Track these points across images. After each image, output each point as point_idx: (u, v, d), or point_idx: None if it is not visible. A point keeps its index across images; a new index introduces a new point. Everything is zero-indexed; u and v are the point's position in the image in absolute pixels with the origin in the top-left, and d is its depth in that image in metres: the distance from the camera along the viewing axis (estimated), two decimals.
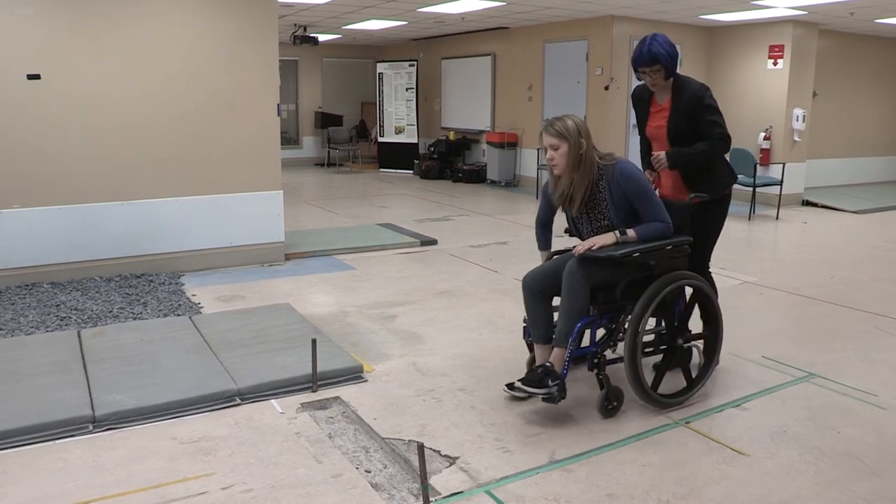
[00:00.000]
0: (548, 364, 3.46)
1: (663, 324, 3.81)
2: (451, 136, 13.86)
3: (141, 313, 5.14)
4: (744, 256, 7.42)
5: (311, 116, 15.98)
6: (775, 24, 10.43)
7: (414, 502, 2.81)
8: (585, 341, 3.82)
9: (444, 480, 2.98)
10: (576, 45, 10.96)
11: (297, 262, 6.84)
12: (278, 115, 6.61)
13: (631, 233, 3.52)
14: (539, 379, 3.40)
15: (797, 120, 10.54)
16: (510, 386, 3.65)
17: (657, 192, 3.88)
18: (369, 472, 3.03)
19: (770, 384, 4.02)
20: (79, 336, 4.47)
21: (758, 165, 9.83)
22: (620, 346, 3.66)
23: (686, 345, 3.77)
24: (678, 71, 4.00)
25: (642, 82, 4.07)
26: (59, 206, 5.81)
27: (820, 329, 5.07)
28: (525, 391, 3.45)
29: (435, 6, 9.56)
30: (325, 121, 15.69)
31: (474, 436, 3.37)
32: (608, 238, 3.51)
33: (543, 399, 3.42)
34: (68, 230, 5.86)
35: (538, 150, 10.84)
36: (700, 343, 3.89)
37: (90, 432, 3.35)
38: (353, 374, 3.99)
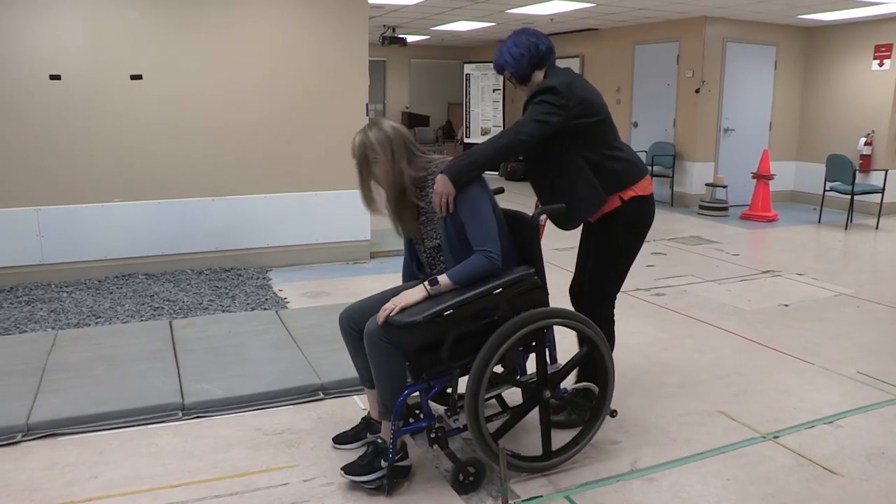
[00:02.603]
0: (379, 441, 2.92)
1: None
2: None
3: (229, 306, 5.30)
4: (839, 267, 7.11)
5: (398, 116, 16.15)
6: (883, 21, 9.91)
7: None
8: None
9: (523, 484, 2.96)
10: (667, 46, 10.72)
11: (382, 260, 6.92)
12: (367, 114, 6.70)
13: (444, 280, 2.82)
14: (368, 462, 2.87)
15: None
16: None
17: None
18: (448, 471, 3.04)
19: (866, 402, 3.83)
20: (170, 326, 4.65)
21: (857, 172, 9.38)
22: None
23: (555, 400, 3.12)
24: (557, 65, 3.24)
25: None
26: (155, 200, 6.06)
27: None
28: (351, 481, 2.87)
29: (524, 7, 9.51)
30: (412, 121, 15.83)
31: (555, 441, 3.32)
32: (415, 295, 2.79)
33: (375, 488, 2.86)
34: (163, 224, 6.10)
35: None
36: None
37: (179, 419, 3.48)
38: None
